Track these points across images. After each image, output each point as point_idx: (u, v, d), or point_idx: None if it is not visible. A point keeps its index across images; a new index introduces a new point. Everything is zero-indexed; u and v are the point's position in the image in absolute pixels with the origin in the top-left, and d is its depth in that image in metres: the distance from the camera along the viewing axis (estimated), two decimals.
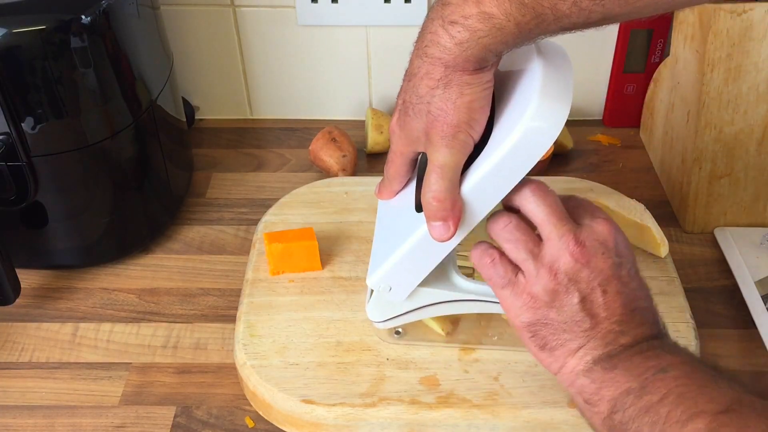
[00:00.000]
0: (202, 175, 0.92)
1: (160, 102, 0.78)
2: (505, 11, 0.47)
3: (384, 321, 0.63)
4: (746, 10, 0.71)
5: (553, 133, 0.51)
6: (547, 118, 0.51)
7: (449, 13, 0.49)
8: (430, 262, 0.58)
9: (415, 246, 0.57)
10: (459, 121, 0.51)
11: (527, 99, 0.51)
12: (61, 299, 0.77)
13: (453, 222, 0.53)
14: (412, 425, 0.61)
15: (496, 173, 0.53)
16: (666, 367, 0.48)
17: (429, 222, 0.54)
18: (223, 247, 0.82)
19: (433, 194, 0.53)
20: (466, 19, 0.48)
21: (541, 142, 0.51)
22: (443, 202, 0.53)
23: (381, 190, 0.63)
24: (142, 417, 0.66)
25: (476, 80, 0.51)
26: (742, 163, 0.78)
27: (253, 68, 0.97)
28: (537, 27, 0.48)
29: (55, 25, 0.64)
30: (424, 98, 0.52)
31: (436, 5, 0.51)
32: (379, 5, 0.90)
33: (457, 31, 0.49)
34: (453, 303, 0.61)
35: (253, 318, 0.68)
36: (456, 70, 0.50)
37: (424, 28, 0.52)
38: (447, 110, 0.51)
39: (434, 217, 0.54)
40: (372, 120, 0.93)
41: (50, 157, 0.70)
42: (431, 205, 0.53)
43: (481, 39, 0.48)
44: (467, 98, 0.51)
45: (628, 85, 0.95)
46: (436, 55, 0.50)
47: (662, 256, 0.73)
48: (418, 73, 0.52)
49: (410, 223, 0.57)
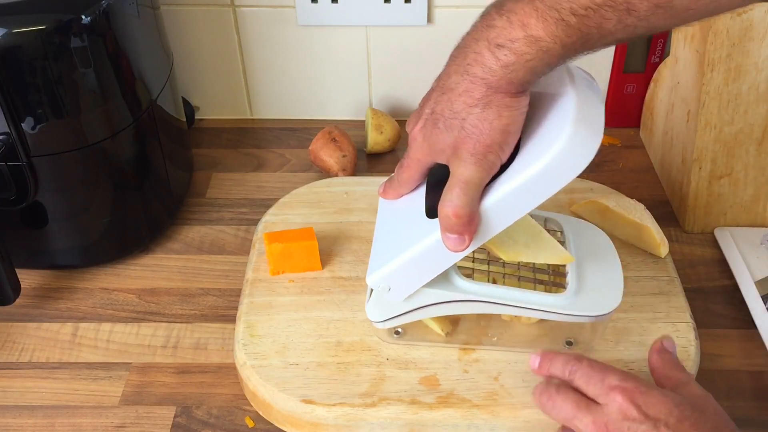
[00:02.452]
0: (202, 175, 0.92)
1: (160, 102, 0.78)
2: (552, 34, 0.47)
3: (383, 321, 0.63)
4: (746, 10, 0.71)
5: (586, 159, 0.52)
6: (580, 144, 0.51)
7: (495, 36, 0.49)
8: (436, 269, 0.59)
9: (424, 252, 0.57)
10: (492, 142, 0.52)
11: (562, 123, 0.51)
12: (61, 299, 0.77)
13: (468, 236, 0.54)
14: (412, 425, 0.61)
15: (519, 194, 0.53)
16: None
17: (444, 233, 0.55)
18: (223, 247, 0.82)
19: (454, 209, 0.53)
20: (513, 43, 0.48)
21: (570, 169, 0.52)
22: (462, 218, 0.53)
23: (387, 191, 0.63)
24: (142, 417, 0.66)
25: (516, 104, 0.51)
26: (742, 163, 0.78)
27: (253, 68, 0.97)
28: (582, 46, 0.49)
29: (55, 25, 0.64)
30: (459, 114, 0.52)
31: (480, 26, 0.51)
32: (379, 5, 0.90)
33: (504, 54, 0.49)
34: (453, 303, 0.61)
35: (253, 318, 0.68)
36: (498, 92, 0.50)
37: (466, 45, 0.52)
38: (482, 130, 0.51)
39: (451, 230, 0.54)
40: (372, 120, 0.93)
41: (50, 157, 0.70)
42: (450, 219, 0.54)
43: (528, 62, 0.49)
44: (504, 121, 0.51)
45: (628, 85, 0.95)
46: (479, 74, 0.50)
47: (662, 256, 0.73)
48: (457, 89, 0.52)
49: (419, 228, 0.57)
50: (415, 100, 0.98)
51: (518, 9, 0.48)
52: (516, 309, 0.61)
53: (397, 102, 0.99)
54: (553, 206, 0.77)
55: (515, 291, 0.61)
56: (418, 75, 0.96)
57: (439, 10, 0.91)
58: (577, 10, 0.47)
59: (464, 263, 0.66)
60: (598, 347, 0.65)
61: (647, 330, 0.66)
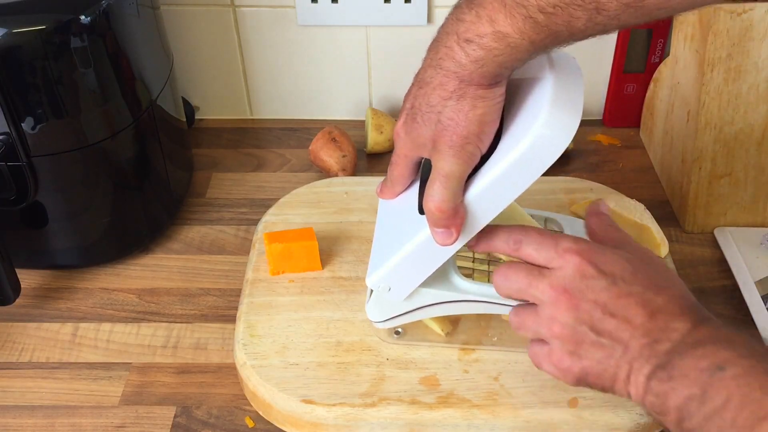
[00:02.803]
0: (202, 175, 0.92)
1: (160, 102, 0.78)
2: (519, 30, 0.47)
3: (384, 321, 0.63)
4: (746, 10, 0.71)
5: (563, 143, 0.51)
6: (557, 128, 0.51)
7: (463, 30, 0.49)
8: (431, 265, 0.59)
9: (417, 248, 0.57)
10: (469, 132, 0.51)
11: (538, 109, 0.51)
12: (61, 299, 0.77)
13: (455, 229, 0.54)
14: (412, 425, 0.61)
15: (502, 182, 0.53)
16: (722, 365, 0.46)
17: (432, 228, 0.54)
18: (223, 247, 0.82)
19: (436, 203, 0.53)
20: (481, 38, 0.48)
21: (549, 152, 0.51)
22: (445, 212, 0.53)
23: (383, 190, 0.63)
24: (142, 417, 0.66)
25: (490, 94, 0.51)
26: (742, 163, 0.78)
27: (253, 68, 0.97)
28: (552, 42, 0.48)
29: (55, 25, 0.64)
30: (435, 107, 0.52)
31: (451, 19, 0.51)
32: (379, 5, 0.90)
33: (473, 49, 0.49)
34: (453, 303, 0.61)
35: (253, 318, 0.68)
36: (471, 84, 0.50)
37: (438, 39, 0.52)
38: (458, 121, 0.51)
39: (437, 224, 0.54)
40: (372, 120, 0.93)
41: (50, 157, 0.70)
42: (434, 213, 0.53)
43: (497, 57, 0.49)
44: (479, 111, 0.51)
45: (628, 85, 0.95)
46: (451, 69, 0.50)
47: (662, 256, 0.73)
48: (431, 83, 0.52)
49: (412, 225, 0.57)
50: None
51: (487, 3, 0.48)
52: None
53: (397, 102, 0.99)
54: (553, 206, 0.77)
55: None
56: None
57: (439, 10, 0.91)
58: (544, 8, 0.46)
59: (464, 263, 0.66)
60: None
61: None
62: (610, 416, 0.60)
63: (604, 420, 0.60)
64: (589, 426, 0.60)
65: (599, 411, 0.60)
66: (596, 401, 0.61)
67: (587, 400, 0.61)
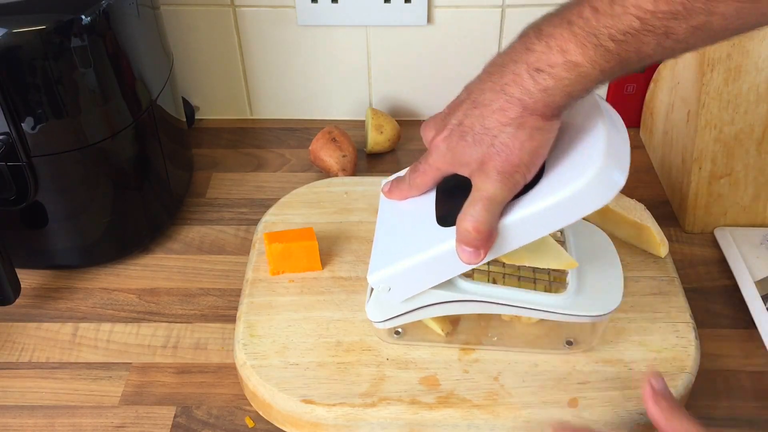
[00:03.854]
0: (202, 175, 0.92)
1: (160, 102, 0.78)
2: (591, 59, 0.48)
3: (383, 321, 0.63)
4: None
5: (607, 197, 0.53)
6: (605, 182, 0.52)
7: (534, 60, 0.50)
8: (441, 277, 0.59)
9: (434, 259, 0.58)
10: (521, 161, 0.52)
11: (590, 157, 0.52)
12: (61, 299, 0.77)
13: (484, 251, 0.55)
14: (412, 425, 0.61)
15: (540, 217, 0.54)
16: None
17: (460, 245, 0.55)
18: (223, 247, 0.82)
19: (475, 224, 0.54)
20: (552, 68, 0.49)
21: (593, 203, 0.53)
22: (482, 233, 0.54)
23: (394, 191, 0.63)
24: (142, 417, 0.66)
25: (548, 126, 0.52)
26: (742, 163, 0.78)
27: (253, 68, 0.97)
28: (620, 69, 0.49)
29: (55, 25, 0.64)
30: (491, 131, 0.52)
31: (519, 48, 0.51)
32: (379, 5, 0.90)
33: (543, 78, 0.49)
34: (453, 303, 0.61)
35: (253, 318, 0.68)
36: (533, 114, 0.51)
37: (504, 64, 0.52)
38: (513, 149, 0.52)
39: (469, 244, 0.55)
40: (372, 120, 0.93)
41: (50, 157, 0.70)
42: (470, 233, 0.54)
43: (566, 87, 0.49)
44: (535, 143, 0.52)
45: (628, 85, 0.95)
46: (516, 95, 0.51)
47: (662, 256, 0.73)
48: (491, 106, 0.52)
49: (430, 235, 0.58)
50: (416, 100, 0.99)
51: (557, 34, 0.49)
52: (516, 309, 0.61)
53: (397, 102, 0.99)
54: None
55: (515, 291, 0.61)
56: (418, 75, 0.96)
57: (439, 10, 0.91)
58: (615, 36, 0.47)
59: None
60: (598, 347, 0.65)
61: (647, 330, 0.66)
62: (611, 416, 0.60)
63: (604, 420, 0.60)
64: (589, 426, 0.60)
65: (599, 411, 0.60)
66: (596, 401, 0.61)
67: (587, 400, 0.61)
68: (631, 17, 0.46)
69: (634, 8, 0.46)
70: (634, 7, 0.46)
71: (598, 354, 0.64)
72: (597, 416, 0.60)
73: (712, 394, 0.66)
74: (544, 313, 0.61)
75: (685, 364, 0.63)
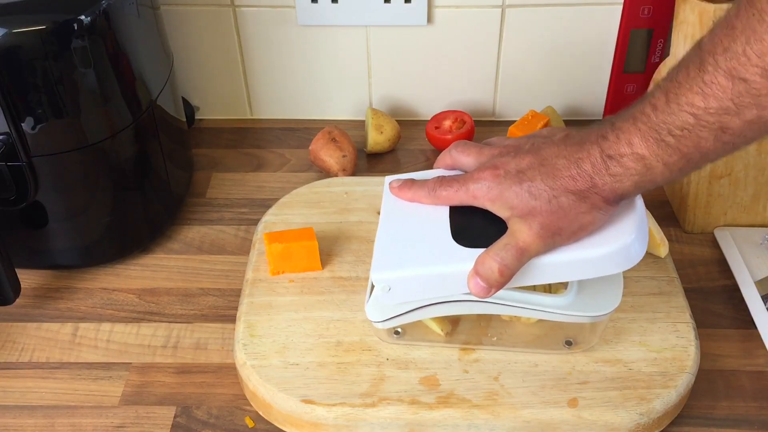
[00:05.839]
0: (202, 175, 0.92)
1: (160, 102, 0.78)
2: (654, 153, 0.51)
3: (383, 321, 0.63)
4: None
5: (626, 266, 0.56)
6: (630, 253, 0.56)
7: (607, 147, 0.52)
8: (445, 293, 0.60)
9: (445, 276, 0.58)
10: (568, 228, 0.54)
11: (622, 228, 0.56)
12: (61, 299, 0.77)
13: (497, 290, 0.56)
14: (412, 425, 0.61)
15: (560, 266, 0.56)
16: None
17: (476, 278, 0.56)
18: (223, 247, 0.82)
19: (501, 267, 0.55)
20: (621, 157, 0.52)
21: (608, 269, 0.57)
22: (504, 278, 0.55)
23: (405, 192, 0.63)
24: (142, 417, 0.66)
25: (606, 209, 0.54)
26: (742, 163, 0.78)
27: (253, 68, 0.97)
28: (686, 166, 0.51)
29: (55, 25, 0.64)
30: (555, 190, 0.54)
31: (596, 133, 0.54)
32: (379, 5, 0.90)
33: (614, 164, 0.52)
34: (453, 303, 0.61)
35: (253, 318, 0.68)
36: (599, 194, 0.53)
37: (581, 141, 0.54)
38: (567, 215, 0.54)
39: (487, 281, 0.56)
40: (372, 120, 0.93)
41: (50, 157, 0.70)
42: (493, 272, 0.55)
43: (633, 176, 0.52)
44: (590, 219, 0.54)
45: (628, 85, 0.95)
46: (588, 171, 0.53)
47: (662, 256, 0.73)
48: (562, 171, 0.54)
49: (444, 249, 0.58)
50: (415, 100, 0.99)
51: (625, 128, 0.52)
52: (516, 309, 0.61)
53: (397, 102, 0.99)
54: None
55: (515, 291, 0.61)
56: (418, 75, 0.96)
57: (439, 10, 0.91)
58: (673, 131, 0.49)
59: None
60: (598, 347, 0.65)
61: (647, 330, 0.66)
62: (610, 416, 0.60)
63: (604, 420, 0.60)
64: (589, 426, 0.60)
65: (599, 411, 0.60)
66: (596, 401, 0.61)
67: (587, 400, 0.61)
68: (686, 114, 0.49)
69: (687, 105, 0.48)
70: (687, 105, 0.48)
71: (597, 354, 0.65)
72: (597, 416, 0.60)
73: (712, 394, 0.66)
74: (544, 313, 0.61)
75: (685, 364, 0.63)
